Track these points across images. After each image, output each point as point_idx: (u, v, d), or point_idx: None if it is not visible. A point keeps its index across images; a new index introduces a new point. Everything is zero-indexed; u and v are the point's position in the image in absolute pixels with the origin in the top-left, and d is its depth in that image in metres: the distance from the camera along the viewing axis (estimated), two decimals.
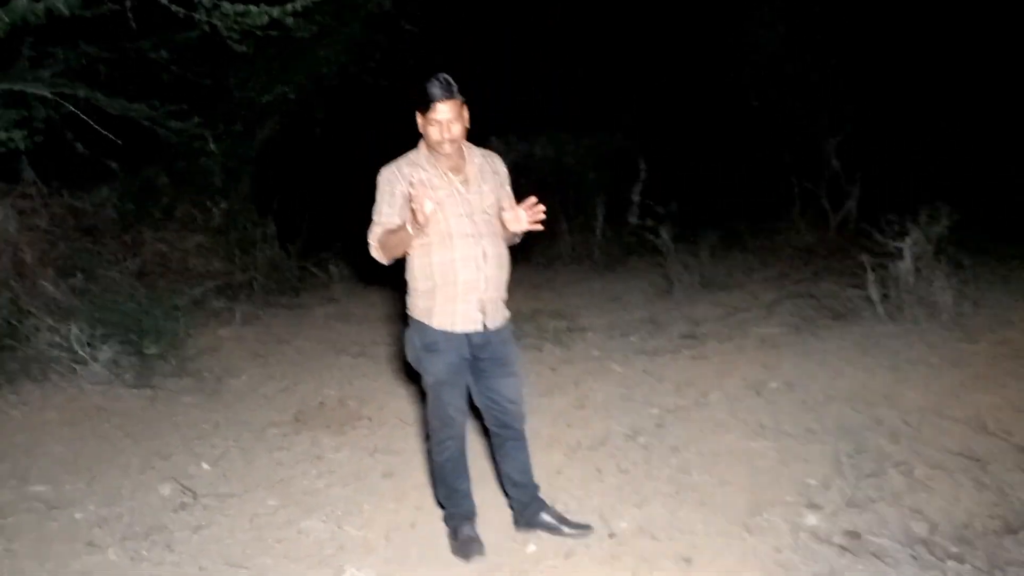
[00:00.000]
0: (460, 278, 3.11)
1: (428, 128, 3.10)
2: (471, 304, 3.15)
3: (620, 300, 7.59)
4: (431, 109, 3.05)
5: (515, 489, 3.46)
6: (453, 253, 3.10)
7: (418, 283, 3.19)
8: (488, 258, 3.15)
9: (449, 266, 3.11)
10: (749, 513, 3.47)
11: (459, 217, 3.12)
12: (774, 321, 6.20)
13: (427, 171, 3.15)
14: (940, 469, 3.72)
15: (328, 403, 5.36)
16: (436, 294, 3.14)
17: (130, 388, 5.31)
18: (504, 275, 3.24)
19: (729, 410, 4.56)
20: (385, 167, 3.19)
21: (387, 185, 3.16)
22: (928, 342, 5.12)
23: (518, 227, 3.15)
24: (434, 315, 3.16)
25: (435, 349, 3.17)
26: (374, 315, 7.65)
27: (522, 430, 3.40)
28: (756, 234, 9.50)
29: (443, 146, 3.09)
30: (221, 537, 3.56)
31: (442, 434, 3.29)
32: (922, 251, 5.65)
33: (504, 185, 3.32)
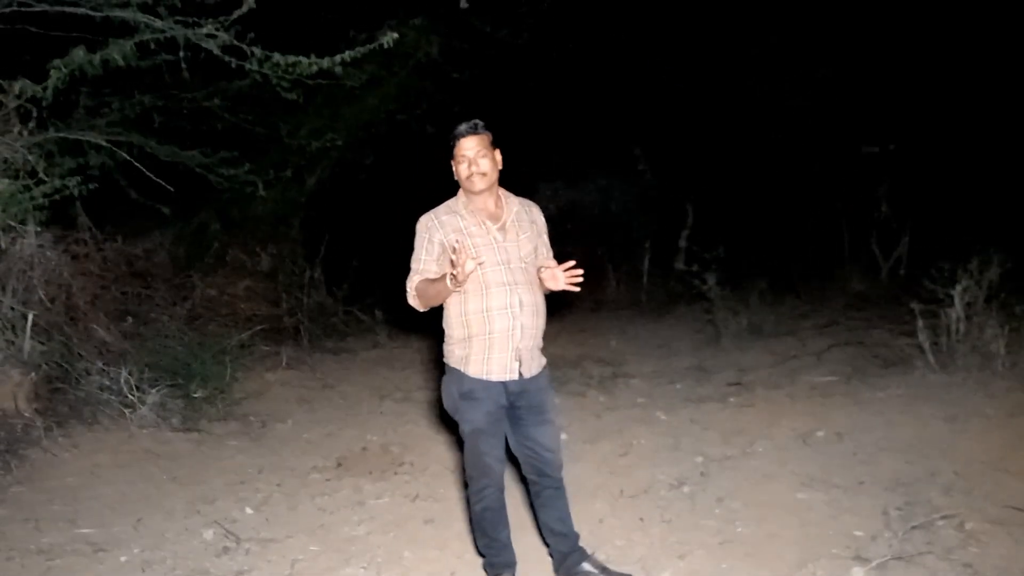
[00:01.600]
0: (496, 327, 3.11)
1: (458, 168, 3.14)
2: (507, 353, 3.14)
3: (667, 347, 7.54)
4: (457, 146, 3.12)
5: (554, 538, 3.40)
6: (489, 302, 3.10)
7: (454, 331, 3.19)
8: (524, 307, 3.14)
9: (484, 315, 3.11)
10: (796, 566, 3.39)
11: (495, 266, 3.12)
12: (823, 369, 6.10)
13: (465, 219, 3.17)
14: (994, 523, 3.61)
15: (371, 448, 5.38)
16: (472, 343, 3.14)
17: (177, 431, 5.39)
18: (541, 323, 3.22)
19: (776, 460, 4.47)
20: (424, 215, 3.22)
21: (425, 233, 3.18)
22: (983, 392, 4.99)
23: (555, 286, 3.15)
24: (470, 363, 3.15)
25: (472, 397, 3.16)
26: (418, 360, 7.70)
27: (560, 478, 3.35)
28: (806, 280, 9.39)
29: (473, 182, 3.12)
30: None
31: (480, 483, 3.26)
32: (973, 298, 5.54)
33: (542, 235, 3.34)
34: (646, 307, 9.29)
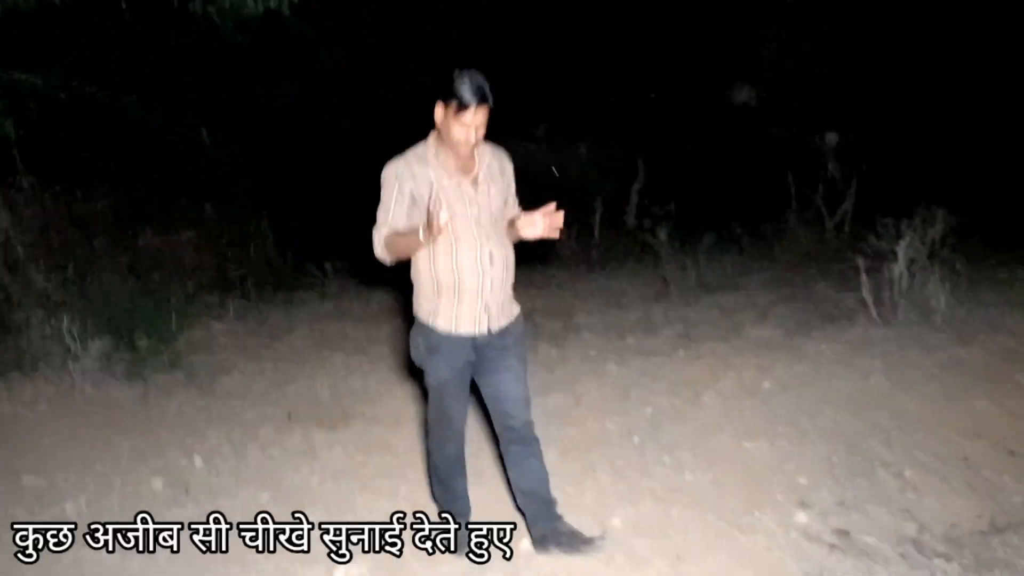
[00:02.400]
0: (465, 283, 3.03)
1: (453, 127, 2.93)
2: (475, 307, 3.06)
3: (617, 301, 7.58)
4: (463, 111, 2.89)
5: (526, 501, 3.32)
6: (459, 258, 3.01)
7: (423, 286, 3.11)
8: (495, 261, 3.05)
9: (454, 271, 3.02)
10: (741, 512, 3.48)
11: (465, 220, 3.01)
12: (769, 323, 6.20)
13: (436, 170, 3.02)
14: (930, 471, 3.74)
15: (322, 400, 5.35)
16: (440, 297, 3.06)
17: (121, 382, 5.30)
18: (510, 276, 3.15)
19: (723, 411, 4.56)
20: (391, 162, 3.05)
21: (395, 181, 3.01)
22: (922, 346, 5.13)
23: (533, 233, 3.03)
24: (439, 317, 3.08)
25: (439, 351, 3.11)
26: (369, 313, 7.64)
27: (526, 434, 3.26)
28: (752, 236, 9.50)
29: (461, 149, 2.98)
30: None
31: (441, 434, 3.25)
32: (916, 254, 5.66)
33: (510, 185, 3.22)
34: (597, 262, 9.31)
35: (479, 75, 2.91)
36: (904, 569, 2.97)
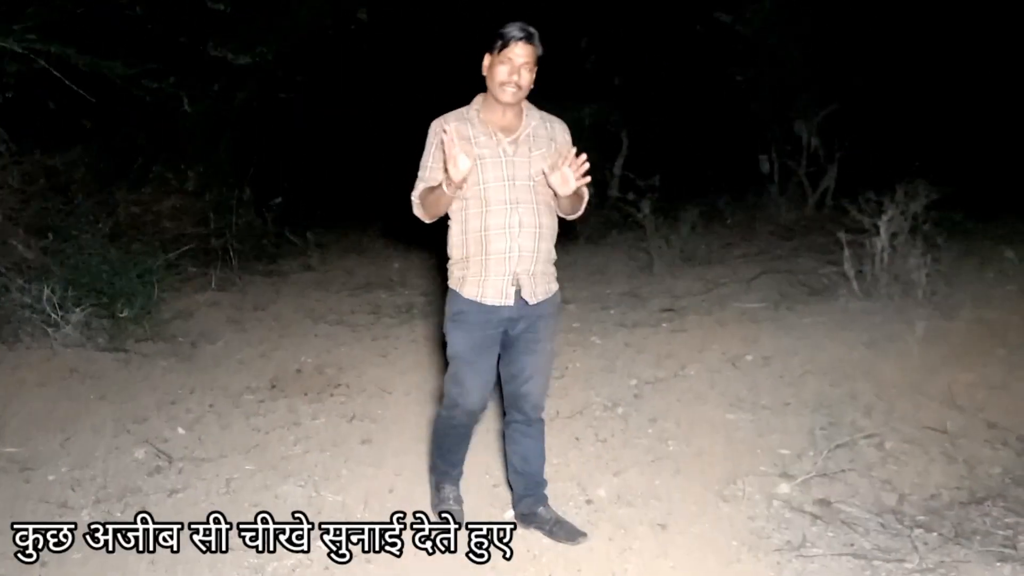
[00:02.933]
0: (492, 248, 2.90)
1: (496, 68, 2.85)
2: (503, 277, 2.92)
3: (601, 273, 7.59)
4: (508, 47, 2.81)
5: (514, 476, 3.29)
6: (488, 220, 2.89)
7: (454, 251, 3.01)
8: (523, 228, 2.90)
9: (482, 235, 2.90)
10: (724, 482, 3.51)
11: (498, 182, 2.88)
12: (753, 296, 6.23)
13: (475, 127, 2.92)
14: (911, 442, 3.79)
15: (305, 370, 5.33)
16: (469, 263, 2.95)
17: (103, 351, 5.26)
18: (545, 247, 2.97)
19: (707, 382, 4.59)
20: (436, 120, 2.98)
21: (433, 138, 2.95)
22: (903, 319, 5.17)
23: (566, 189, 2.85)
24: (466, 284, 2.96)
25: (462, 320, 2.98)
26: (352, 283, 7.62)
27: (534, 418, 3.19)
28: (736, 210, 9.53)
29: (505, 91, 2.85)
30: (197, 500, 3.55)
31: (452, 408, 3.13)
32: (898, 228, 5.69)
33: (562, 153, 2.98)
34: (581, 235, 9.30)
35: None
36: (884, 539, 3.01)
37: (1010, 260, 6.12)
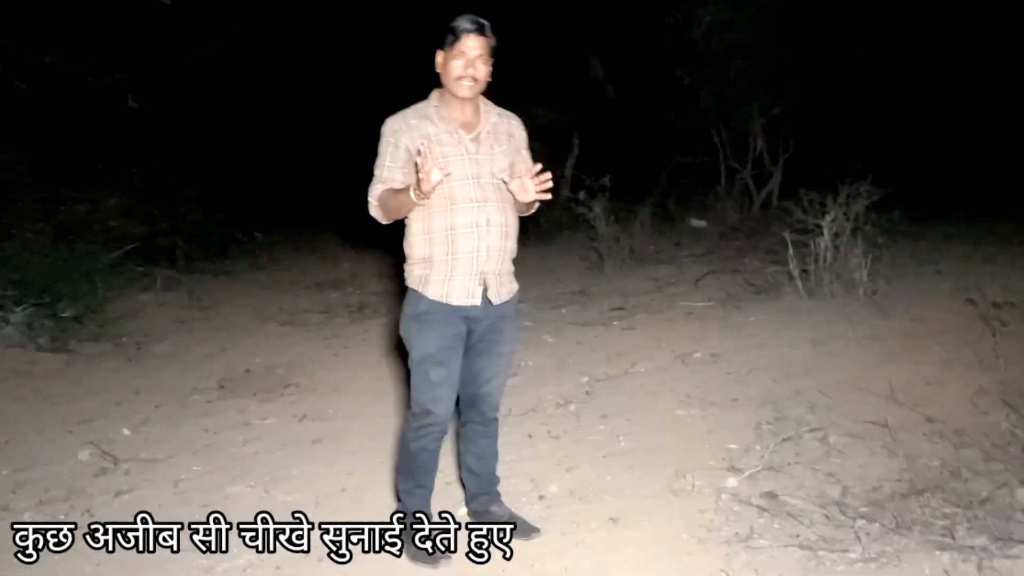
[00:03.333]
0: (460, 247, 2.82)
1: (451, 63, 2.79)
2: (470, 276, 2.86)
3: (553, 273, 7.66)
4: (459, 40, 2.77)
5: (468, 475, 3.24)
6: (454, 219, 2.81)
7: (415, 250, 2.89)
8: (492, 226, 2.84)
9: (448, 233, 2.82)
10: (674, 477, 3.56)
11: (464, 180, 2.82)
12: (700, 295, 6.34)
13: (436, 125, 2.84)
14: (853, 436, 3.88)
15: (255, 370, 5.28)
16: (433, 263, 2.85)
17: (45, 351, 5.16)
18: (510, 245, 2.93)
19: (657, 379, 4.66)
20: (391, 117, 2.87)
21: (392, 137, 2.84)
22: (845, 317, 5.31)
23: (526, 197, 2.84)
24: (429, 284, 2.86)
25: (426, 320, 2.88)
26: (303, 283, 7.57)
27: (491, 419, 3.14)
28: (684, 210, 9.67)
29: (462, 86, 2.80)
30: (144, 502, 3.49)
31: (423, 419, 2.96)
32: (840, 229, 5.83)
33: (520, 150, 3.00)
34: (532, 234, 9.35)
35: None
36: (829, 530, 3.08)
37: (944, 260, 6.32)
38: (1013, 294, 5.27)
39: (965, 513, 3.11)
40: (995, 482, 3.34)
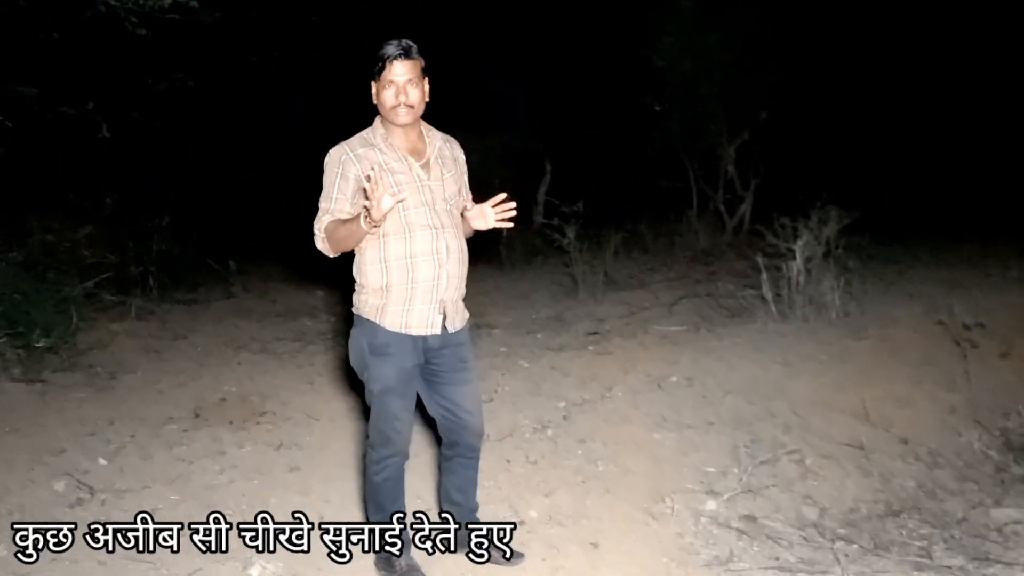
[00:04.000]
0: (419, 275, 2.79)
1: (382, 93, 2.75)
2: (429, 305, 2.83)
3: (527, 298, 7.68)
4: (385, 69, 2.71)
5: (450, 505, 3.20)
6: (413, 247, 2.77)
7: (369, 279, 2.83)
8: (451, 253, 2.83)
9: (408, 261, 2.78)
10: (652, 500, 3.59)
11: (419, 207, 2.79)
12: (674, 319, 6.39)
13: (384, 153, 2.80)
14: (828, 458, 3.94)
15: (229, 399, 5.23)
16: (390, 292, 2.80)
17: (17, 382, 5.08)
18: (465, 272, 2.92)
19: (632, 403, 4.68)
20: (336, 148, 2.80)
21: (338, 167, 2.77)
22: (817, 339, 5.38)
23: (484, 225, 2.87)
24: (387, 314, 2.82)
25: (384, 352, 2.82)
26: (274, 311, 7.52)
27: (477, 448, 3.13)
28: (657, 236, 9.75)
29: (398, 114, 2.75)
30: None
31: (384, 451, 2.93)
32: (812, 252, 5.92)
33: (464, 174, 3.01)
34: (505, 261, 9.39)
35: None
36: (807, 551, 3.12)
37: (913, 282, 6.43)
38: (982, 315, 5.37)
39: (941, 533, 3.17)
40: (970, 502, 3.41)
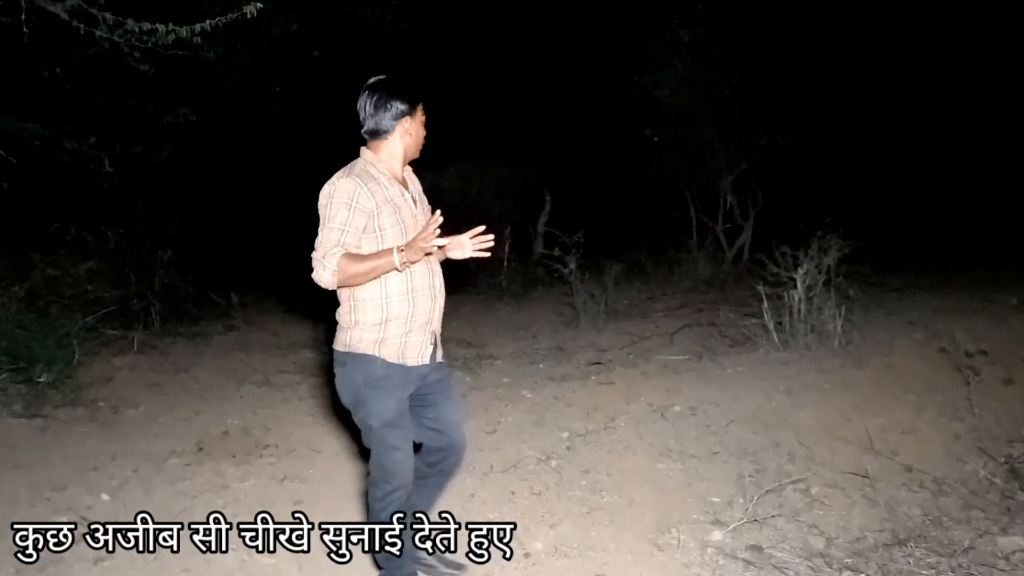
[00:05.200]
0: (419, 309, 2.86)
1: (418, 129, 2.90)
2: (423, 336, 2.90)
3: (528, 328, 7.69)
4: (418, 107, 2.87)
5: (411, 516, 3.16)
6: (413, 282, 2.84)
7: (367, 315, 2.83)
8: (441, 288, 2.96)
9: (409, 296, 2.83)
10: (658, 531, 3.57)
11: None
12: (676, 349, 6.39)
13: (388, 189, 2.80)
14: (834, 487, 3.92)
15: (232, 432, 5.23)
16: (389, 326, 2.83)
17: (20, 417, 5.07)
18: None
19: (636, 433, 4.67)
20: (345, 180, 2.74)
21: (350, 200, 2.71)
22: (819, 368, 5.37)
23: (461, 255, 2.92)
24: (385, 348, 2.85)
25: (383, 386, 2.85)
26: (276, 344, 7.52)
27: (462, 457, 3.19)
28: (657, 265, 9.78)
29: (419, 149, 2.93)
30: (123, 568, 3.43)
31: (389, 486, 2.93)
32: (813, 281, 5.93)
33: (427, 205, 3.05)
34: (507, 291, 9.41)
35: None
36: None
37: (913, 310, 6.43)
38: (983, 342, 5.37)
39: (949, 562, 3.15)
40: (976, 530, 3.39)
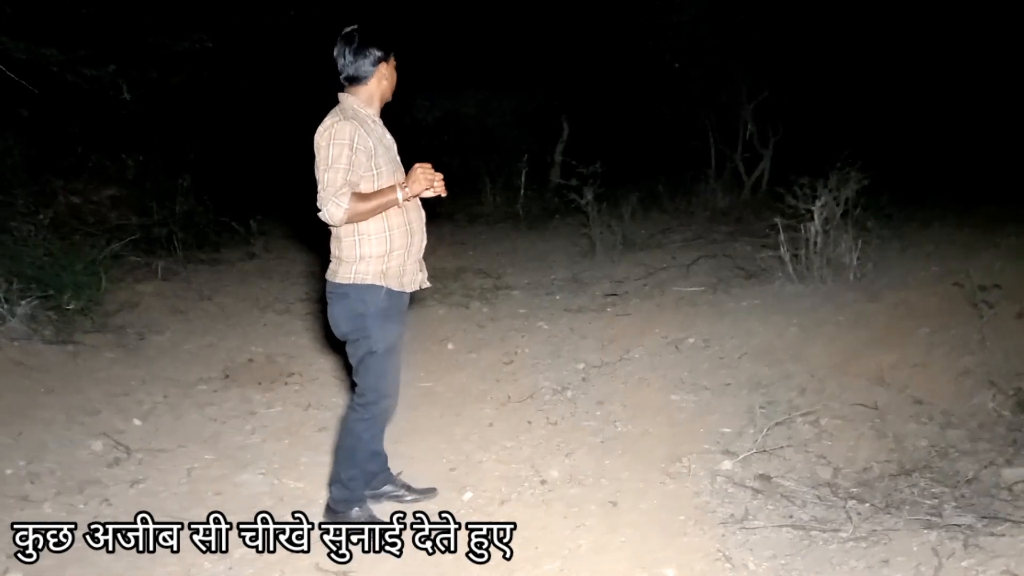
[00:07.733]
0: (414, 240, 3.08)
1: (393, 74, 3.08)
2: (417, 263, 3.15)
3: (545, 259, 7.75)
4: (393, 58, 3.05)
5: (375, 459, 3.37)
6: (408, 214, 3.04)
7: (372, 248, 2.98)
8: (424, 218, 3.16)
9: (407, 227, 3.04)
10: (669, 460, 3.69)
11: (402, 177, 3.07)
12: (691, 281, 6.44)
13: (375, 129, 3.00)
14: (843, 419, 4.01)
15: (256, 359, 5.37)
16: (392, 257, 3.01)
17: (50, 343, 5.20)
18: None
19: (650, 365, 4.78)
20: (343, 123, 2.87)
21: (349, 141, 2.85)
22: (833, 301, 5.41)
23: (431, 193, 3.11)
24: (388, 278, 3.02)
25: (387, 313, 3.04)
26: (296, 272, 7.63)
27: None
28: (674, 196, 9.76)
29: (388, 97, 3.09)
30: (158, 491, 3.59)
31: (379, 406, 3.14)
32: (830, 214, 5.93)
33: None
34: (523, 221, 9.44)
35: None
36: (820, 510, 3.21)
37: (930, 244, 6.42)
38: (998, 276, 5.38)
39: (952, 492, 3.25)
40: (981, 462, 3.48)
